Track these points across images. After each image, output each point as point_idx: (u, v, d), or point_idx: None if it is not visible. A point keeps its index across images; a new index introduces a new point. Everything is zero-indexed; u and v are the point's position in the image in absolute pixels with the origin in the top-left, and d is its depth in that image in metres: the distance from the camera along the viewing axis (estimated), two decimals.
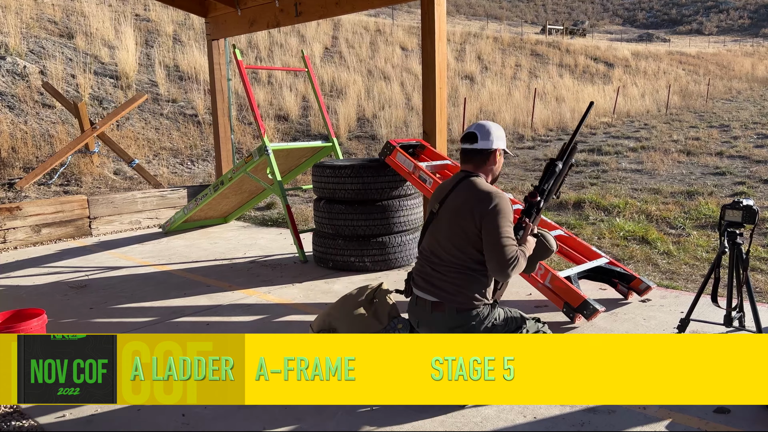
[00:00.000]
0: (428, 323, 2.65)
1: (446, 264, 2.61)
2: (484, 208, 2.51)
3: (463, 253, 2.57)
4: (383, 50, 19.33)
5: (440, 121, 5.33)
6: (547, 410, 2.47)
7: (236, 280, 4.66)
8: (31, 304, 4.08)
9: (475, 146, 2.66)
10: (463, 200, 2.59)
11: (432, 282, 2.64)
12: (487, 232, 2.50)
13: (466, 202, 2.57)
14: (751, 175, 9.04)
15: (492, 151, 2.68)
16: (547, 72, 23.36)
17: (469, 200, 2.56)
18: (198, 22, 15.13)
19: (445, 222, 2.64)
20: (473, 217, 2.52)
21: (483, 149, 2.66)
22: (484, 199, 2.53)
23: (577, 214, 7.07)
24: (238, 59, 5.59)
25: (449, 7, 37.51)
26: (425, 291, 2.65)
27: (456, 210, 2.60)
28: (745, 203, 2.83)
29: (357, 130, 13.37)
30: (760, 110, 18.57)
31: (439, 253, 2.64)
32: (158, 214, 7.12)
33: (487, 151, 2.67)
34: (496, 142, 2.68)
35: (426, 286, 2.66)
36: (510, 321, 2.67)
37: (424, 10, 5.17)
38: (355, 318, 2.79)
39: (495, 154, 2.70)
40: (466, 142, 2.69)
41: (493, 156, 2.69)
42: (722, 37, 55.89)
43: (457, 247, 2.58)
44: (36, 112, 9.68)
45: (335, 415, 2.47)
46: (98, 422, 2.49)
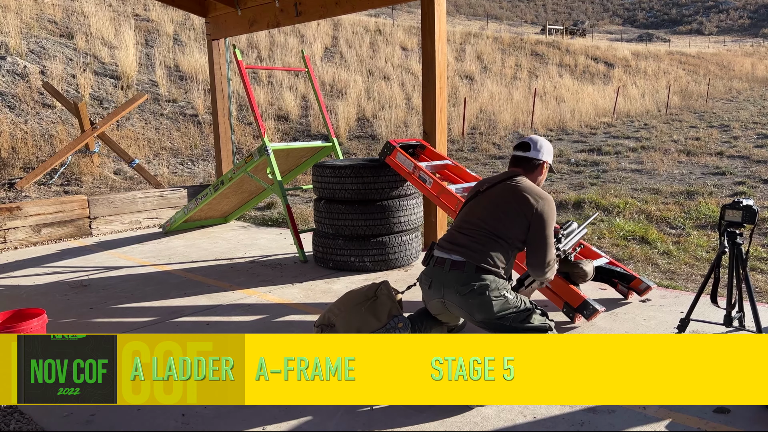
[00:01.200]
0: (442, 282, 2.69)
1: (478, 229, 2.75)
2: (540, 207, 2.71)
3: (501, 225, 2.73)
4: (383, 50, 19.33)
5: (440, 121, 5.33)
6: (547, 410, 2.47)
7: (236, 280, 4.66)
8: (32, 304, 4.08)
9: (527, 154, 2.89)
10: (520, 189, 2.76)
11: (458, 242, 2.75)
12: (537, 230, 2.72)
13: (522, 193, 2.74)
14: (751, 175, 9.04)
15: (541, 163, 2.91)
16: (547, 72, 23.36)
17: (526, 192, 2.75)
18: (198, 22, 15.14)
19: (491, 200, 2.80)
20: (527, 209, 2.70)
21: (533, 158, 2.89)
22: (542, 199, 2.73)
23: (577, 214, 7.08)
24: (238, 59, 5.59)
25: (449, 7, 37.52)
26: (448, 251, 2.74)
27: (509, 193, 2.77)
28: (745, 203, 2.83)
29: (357, 130, 13.38)
30: (760, 110, 18.57)
31: (474, 221, 2.79)
32: (158, 214, 7.12)
33: (537, 161, 2.90)
34: (545, 155, 2.91)
35: (451, 246, 2.75)
36: (520, 301, 2.69)
37: (424, 10, 5.18)
38: (352, 314, 2.80)
39: (543, 166, 2.93)
40: (519, 150, 2.92)
41: (540, 167, 2.92)
42: (722, 37, 55.91)
43: (496, 219, 2.74)
44: (36, 112, 9.69)
45: (335, 415, 2.47)
46: (98, 422, 2.49)
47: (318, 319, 2.99)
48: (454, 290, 2.64)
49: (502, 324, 2.63)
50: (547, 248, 2.75)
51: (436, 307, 2.79)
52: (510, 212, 2.73)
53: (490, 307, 2.61)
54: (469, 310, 2.65)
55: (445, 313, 2.79)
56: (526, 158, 2.89)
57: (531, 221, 2.71)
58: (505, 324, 2.63)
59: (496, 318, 2.62)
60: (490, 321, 2.64)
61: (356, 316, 2.79)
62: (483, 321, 2.66)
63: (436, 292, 2.73)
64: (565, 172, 10.19)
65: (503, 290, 2.65)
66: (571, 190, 8.51)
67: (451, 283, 2.65)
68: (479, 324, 2.70)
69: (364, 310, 2.79)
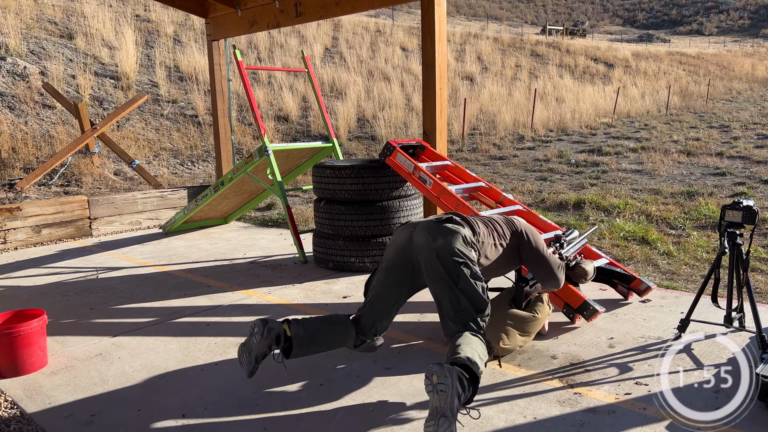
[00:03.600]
0: (418, 223, 2.71)
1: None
2: (520, 226, 3.01)
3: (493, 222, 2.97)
4: (383, 51, 19.34)
5: (440, 121, 5.33)
6: (547, 410, 2.47)
7: (236, 281, 4.66)
8: (32, 305, 4.09)
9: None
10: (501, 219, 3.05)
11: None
12: (529, 250, 2.97)
13: (505, 217, 3.06)
14: (751, 176, 9.04)
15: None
16: (547, 72, 23.36)
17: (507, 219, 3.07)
18: (198, 23, 15.14)
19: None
20: (513, 229, 2.97)
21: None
22: (519, 221, 3.07)
23: (577, 214, 7.08)
24: (238, 60, 5.59)
25: (449, 8, 37.54)
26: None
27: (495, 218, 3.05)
28: (745, 204, 2.83)
29: (357, 131, 13.38)
30: (760, 111, 18.57)
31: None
32: (158, 215, 7.12)
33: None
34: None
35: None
36: (485, 288, 2.57)
37: (424, 10, 5.18)
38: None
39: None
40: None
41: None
42: (722, 38, 55.93)
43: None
44: (36, 112, 9.69)
45: (335, 416, 2.47)
46: (98, 422, 2.48)
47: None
48: (428, 224, 2.65)
49: (455, 268, 2.50)
50: (547, 262, 3.00)
51: (396, 246, 2.70)
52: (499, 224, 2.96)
53: (456, 239, 2.55)
54: (434, 234, 2.56)
55: (399, 261, 2.69)
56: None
57: (519, 241, 2.93)
58: (459, 271, 2.49)
59: (455, 253, 2.51)
60: (446, 255, 2.51)
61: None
62: (439, 253, 2.52)
63: (407, 228, 2.71)
64: (565, 172, 10.19)
65: (474, 246, 2.67)
66: (571, 190, 8.51)
67: (426, 223, 2.67)
68: (431, 265, 2.55)
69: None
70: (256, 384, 2.76)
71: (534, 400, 2.56)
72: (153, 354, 3.18)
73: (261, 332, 2.56)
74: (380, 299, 2.75)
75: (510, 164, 11.18)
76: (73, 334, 3.53)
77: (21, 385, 2.87)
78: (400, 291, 2.75)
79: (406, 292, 2.79)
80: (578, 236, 3.55)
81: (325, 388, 2.72)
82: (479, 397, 2.58)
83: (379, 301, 2.75)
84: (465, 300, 2.48)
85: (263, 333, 2.56)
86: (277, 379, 2.79)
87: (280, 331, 2.58)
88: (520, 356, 3.02)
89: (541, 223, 4.17)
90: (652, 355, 2.98)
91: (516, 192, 8.53)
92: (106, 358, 3.15)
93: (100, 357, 3.18)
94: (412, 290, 2.80)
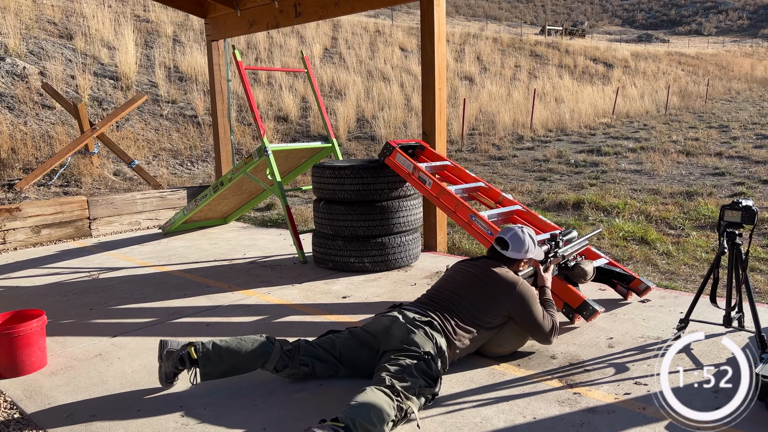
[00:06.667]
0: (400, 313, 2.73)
1: (451, 299, 2.86)
2: (512, 295, 2.85)
3: (478, 301, 2.84)
4: (383, 51, 19.34)
5: (439, 122, 5.33)
6: (547, 410, 2.47)
7: (236, 281, 4.66)
8: (31, 305, 4.09)
9: (505, 253, 3.03)
10: (498, 274, 2.90)
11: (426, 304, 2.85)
12: (522, 316, 2.86)
13: (500, 276, 2.89)
14: (750, 176, 9.05)
15: (518, 260, 3.05)
16: (546, 73, 23.37)
17: (503, 276, 2.90)
18: (198, 23, 15.14)
19: (469, 275, 2.94)
20: (504, 299, 2.84)
21: (510, 257, 3.03)
22: (518, 282, 2.88)
23: (576, 214, 7.08)
24: (238, 60, 5.59)
25: (448, 8, 37.60)
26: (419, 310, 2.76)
27: (488, 276, 2.91)
28: (744, 204, 2.83)
29: (356, 131, 13.38)
30: (759, 111, 18.58)
31: (447, 293, 2.90)
32: (158, 215, 7.12)
33: (514, 259, 3.04)
34: (527, 254, 3.03)
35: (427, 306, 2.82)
36: (434, 366, 2.51)
37: (424, 11, 5.18)
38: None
39: (520, 262, 3.08)
40: (498, 245, 3.05)
41: (518, 263, 3.07)
42: (721, 38, 55.95)
43: (474, 295, 2.85)
44: (36, 113, 9.68)
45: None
46: (98, 423, 2.48)
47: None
48: (404, 317, 2.68)
49: (405, 354, 2.50)
50: (539, 324, 2.88)
51: (375, 323, 2.75)
52: (489, 293, 2.85)
53: (426, 345, 2.55)
54: (396, 329, 2.62)
55: (370, 333, 2.73)
56: (503, 256, 3.04)
57: (512, 304, 2.83)
58: (405, 360, 2.47)
59: (406, 342, 2.54)
60: (398, 344, 2.55)
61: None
62: (393, 343, 2.57)
63: (389, 315, 2.74)
64: (564, 172, 10.19)
65: (436, 342, 2.61)
66: (571, 190, 8.52)
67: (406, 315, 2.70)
68: (385, 350, 2.60)
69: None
70: (256, 384, 2.76)
71: (533, 400, 2.57)
72: (153, 354, 3.17)
73: (160, 355, 2.68)
74: (332, 346, 2.76)
75: (509, 164, 11.19)
76: (73, 335, 3.53)
77: (20, 385, 2.87)
78: (354, 353, 2.73)
79: (358, 358, 2.73)
80: (577, 237, 3.54)
81: (325, 388, 2.72)
82: (479, 397, 2.58)
83: (329, 346, 2.76)
84: (401, 370, 2.40)
85: (162, 357, 2.67)
86: (277, 379, 2.79)
87: (183, 354, 2.62)
88: (520, 356, 3.02)
89: (540, 223, 4.18)
90: (652, 354, 2.98)
91: (515, 192, 8.53)
92: (106, 359, 3.15)
93: (100, 357, 3.18)
94: (362, 363, 2.73)
